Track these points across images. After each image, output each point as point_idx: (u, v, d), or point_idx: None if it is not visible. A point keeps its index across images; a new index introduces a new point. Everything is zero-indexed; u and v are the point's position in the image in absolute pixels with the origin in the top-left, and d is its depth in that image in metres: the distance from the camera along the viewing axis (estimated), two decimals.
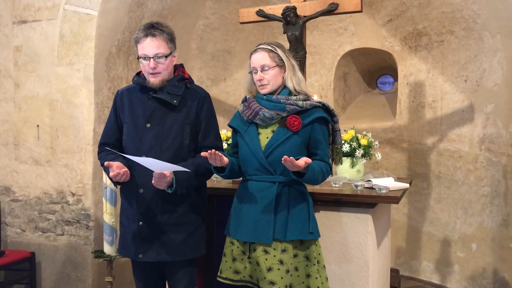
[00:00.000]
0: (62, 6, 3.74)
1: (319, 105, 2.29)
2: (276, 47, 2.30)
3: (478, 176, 4.02)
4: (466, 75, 4.11)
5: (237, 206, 2.36)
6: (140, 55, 2.31)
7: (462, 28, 4.07)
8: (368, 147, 3.17)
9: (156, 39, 2.27)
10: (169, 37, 2.33)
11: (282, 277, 2.20)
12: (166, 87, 2.33)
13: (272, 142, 2.25)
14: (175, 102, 2.32)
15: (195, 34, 4.66)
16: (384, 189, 2.71)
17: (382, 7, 4.48)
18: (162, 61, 2.29)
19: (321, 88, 4.85)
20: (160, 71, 2.30)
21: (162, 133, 2.32)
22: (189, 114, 2.35)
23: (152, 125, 2.32)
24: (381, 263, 3.05)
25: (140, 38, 2.30)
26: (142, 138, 2.33)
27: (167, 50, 2.31)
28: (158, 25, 2.32)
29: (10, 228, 3.98)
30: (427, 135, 4.41)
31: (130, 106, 2.39)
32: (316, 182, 2.25)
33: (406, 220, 4.53)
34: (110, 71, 3.88)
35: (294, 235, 2.23)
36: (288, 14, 3.43)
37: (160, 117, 2.33)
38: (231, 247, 2.36)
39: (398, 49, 4.54)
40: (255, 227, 2.24)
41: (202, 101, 2.40)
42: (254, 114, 2.27)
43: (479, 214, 4.01)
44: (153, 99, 2.34)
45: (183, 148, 2.35)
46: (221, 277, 2.38)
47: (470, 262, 4.07)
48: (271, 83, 2.28)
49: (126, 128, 2.39)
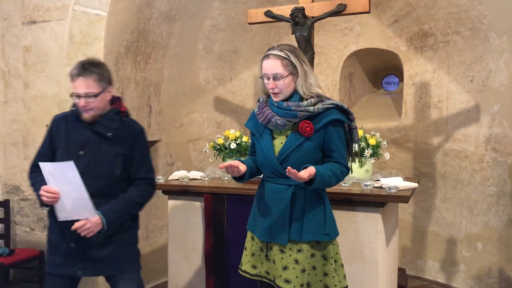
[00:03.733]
0: (71, 6, 3.77)
1: (332, 106, 2.25)
2: (289, 53, 2.24)
3: (484, 176, 4.04)
4: (472, 75, 4.13)
5: (256, 205, 2.41)
6: (72, 92, 2.41)
7: (468, 29, 4.09)
8: (377, 147, 3.20)
9: (86, 80, 2.36)
10: (98, 77, 2.40)
11: (297, 276, 2.24)
12: (102, 120, 2.44)
13: (286, 149, 2.26)
14: (109, 135, 2.42)
15: (202, 35, 4.68)
16: (393, 189, 2.73)
17: (388, 8, 4.50)
18: (91, 100, 2.38)
19: (326, 88, 4.86)
20: (91, 107, 2.39)
21: (94, 161, 2.41)
22: (122, 146, 2.45)
23: (85, 152, 2.42)
24: (390, 262, 3.08)
25: (73, 76, 2.40)
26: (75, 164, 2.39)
27: (97, 89, 2.38)
28: (89, 65, 2.40)
29: (19, 227, 4.01)
30: (432, 135, 4.43)
31: (65, 133, 2.48)
32: (329, 185, 2.26)
33: (412, 219, 4.55)
34: (118, 71, 3.90)
35: (309, 237, 2.25)
36: (296, 14, 3.45)
37: (93, 146, 2.43)
38: (251, 242, 2.42)
39: (404, 49, 4.56)
40: (271, 228, 2.28)
41: (136, 135, 2.52)
42: (267, 121, 2.27)
43: (485, 213, 4.03)
44: (88, 129, 2.44)
45: (115, 178, 2.45)
46: (241, 269, 2.45)
47: (476, 262, 4.09)
48: (283, 91, 2.26)
49: (59, 153, 2.48)
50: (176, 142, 4.64)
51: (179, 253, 3.29)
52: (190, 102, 4.75)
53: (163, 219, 4.43)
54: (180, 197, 3.26)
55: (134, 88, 4.11)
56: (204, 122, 4.91)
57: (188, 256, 3.27)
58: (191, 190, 3.17)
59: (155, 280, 4.32)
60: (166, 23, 4.22)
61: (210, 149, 3.60)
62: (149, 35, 4.12)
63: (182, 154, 4.72)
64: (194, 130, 4.80)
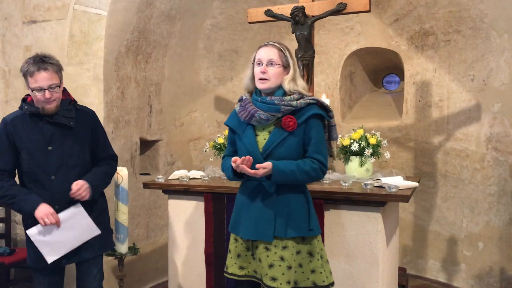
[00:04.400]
0: (71, 6, 3.77)
1: (313, 102, 2.32)
2: (286, 50, 2.35)
3: (485, 175, 4.04)
4: (473, 74, 4.12)
5: (239, 204, 2.42)
6: (34, 87, 2.47)
7: (469, 28, 4.08)
8: (377, 146, 3.19)
9: (47, 72, 2.47)
10: (57, 68, 2.55)
11: (284, 273, 2.26)
12: (60, 111, 2.55)
13: (269, 144, 2.29)
14: (72, 124, 2.57)
15: (202, 34, 4.68)
16: (393, 188, 2.73)
17: (388, 7, 4.49)
18: (57, 90, 2.51)
19: (327, 87, 4.86)
20: (55, 98, 2.51)
21: (66, 153, 2.56)
22: (85, 132, 2.63)
23: (54, 147, 2.54)
24: (390, 261, 3.08)
25: (33, 71, 2.47)
26: (46, 160, 2.53)
27: (58, 80, 2.53)
28: (46, 59, 2.52)
29: (20, 227, 4.00)
30: (433, 134, 4.42)
31: (26, 133, 2.54)
32: (295, 180, 2.27)
33: (413, 219, 4.55)
34: (119, 71, 3.90)
35: (294, 232, 2.28)
36: (296, 14, 3.45)
37: (60, 139, 2.55)
38: (235, 243, 2.43)
39: (405, 48, 4.55)
40: (256, 225, 2.30)
41: (93, 119, 2.70)
42: (250, 116, 2.31)
43: (486, 213, 4.03)
44: (50, 124, 2.54)
45: (87, 164, 2.64)
46: (227, 272, 2.45)
47: (477, 261, 4.09)
48: (272, 80, 2.31)
49: (26, 154, 2.54)
50: (176, 142, 4.64)
51: (179, 252, 3.29)
52: (190, 102, 4.75)
53: (163, 219, 4.43)
54: (180, 196, 3.25)
55: (134, 87, 4.11)
56: (205, 122, 4.91)
57: (188, 256, 3.26)
58: (191, 189, 3.16)
59: (156, 280, 4.32)
60: (166, 22, 4.22)
61: (211, 149, 3.60)
62: (150, 34, 4.12)
63: (183, 153, 4.72)
64: (194, 130, 4.80)
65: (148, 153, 4.46)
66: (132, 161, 4.09)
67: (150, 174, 4.36)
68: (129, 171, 3.34)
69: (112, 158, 2.79)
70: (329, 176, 3.19)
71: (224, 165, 2.45)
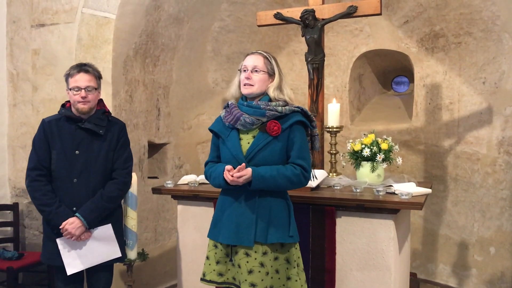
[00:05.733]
0: (80, 9, 3.75)
1: (298, 110, 2.37)
2: (272, 58, 2.42)
3: (497, 179, 3.99)
4: (485, 77, 4.07)
5: (220, 210, 2.42)
6: (72, 87, 2.68)
7: (481, 30, 4.03)
8: (389, 151, 3.15)
9: (86, 75, 2.70)
10: (96, 74, 2.76)
11: (263, 279, 2.27)
12: (92, 119, 2.72)
13: (253, 148, 2.31)
14: (101, 132, 2.72)
15: (211, 36, 4.65)
16: (406, 195, 2.69)
17: (398, 9, 4.45)
18: (92, 92, 2.70)
19: (336, 90, 4.82)
20: (89, 100, 2.69)
21: (91, 159, 2.70)
22: (111, 141, 2.76)
23: (81, 152, 2.69)
24: (402, 268, 3.04)
25: (73, 73, 2.70)
26: (72, 163, 2.68)
27: (96, 84, 2.73)
28: (87, 65, 2.76)
29: (28, 230, 4.00)
30: (444, 138, 4.37)
31: (59, 134, 2.71)
32: (277, 186, 2.28)
33: (423, 222, 4.50)
34: (127, 74, 3.88)
35: (275, 238, 2.30)
36: (306, 17, 3.41)
37: (87, 145, 2.70)
38: (214, 250, 2.43)
39: (415, 50, 4.51)
40: (237, 230, 2.31)
41: (121, 130, 2.84)
42: (235, 120, 2.33)
43: (497, 217, 3.98)
44: (81, 129, 2.71)
45: (107, 171, 2.76)
46: (205, 279, 2.44)
47: (488, 266, 4.04)
48: (256, 86, 2.35)
49: (56, 154, 2.70)
50: (184, 145, 4.62)
51: (189, 258, 3.27)
52: (198, 104, 4.72)
53: (171, 222, 4.41)
54: (189, 202, 3.23)
55: (142, 90, 4.09)
56: None
57: (197, 261, 3.24)
58: (201, 195, 3.14)
59: (164, 283, 4.31)
60: (174, 25, 4.20)
61: None
62: (158, 37, 4.10)
63: (191, 156, 4.70)
64: (202, 133, 4.77)
65: (156, 156, 4.44)
66: (140, 164, 4.07)
67: (158, 177, 4.34)
68: (137, 175, 3.32)
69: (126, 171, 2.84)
70: (340, 181, 3.16)
71: (213, 171, 2.40)
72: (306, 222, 2.82)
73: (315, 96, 3.44)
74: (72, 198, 2.68)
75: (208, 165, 2.50)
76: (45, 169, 2.70)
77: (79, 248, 2.69)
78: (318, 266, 2.83)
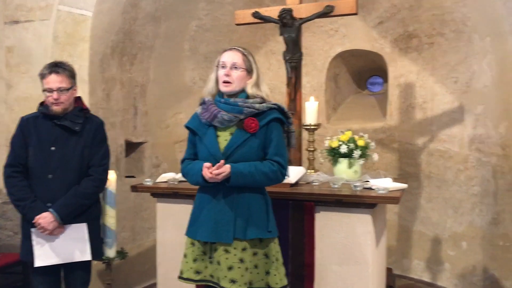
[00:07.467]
0: (55, 6, 3.71)
1: (274, 107, 2.39)
2: (250, 55, 2.42)
3: (468, 176, 4.11)
4: (456, 76, 4.19)
5: (198, 207, 2.42)
6: (45, 88, 2.70)
7: (452, 31, 4.15)
8: (365, 148, 3.22)
9: (58, 75, 2.69)
10: (69, 74, 2.75)
11: (243, 275, 2.29)
12: (69, 116, 2.73)
13: (231, 145, 2.32)
14: (77, 129, 2.73)
15: (188, 35, 4.65)
16: (383, 190, 2.75)
17: (373, 10, 4.54)
18: (65, 93, 2.70)
19: (312, 89, 4.88)
20: (62, 101, 2.70)
21: (67, 156, 2.71)
22: (88, 138, 2.77)
23: (57, 148, 2.71)
24: (379, 262, 3.11)
25: (45, 74, 2.70)
26: (47, 159, 2.70)
27: (68, 84, 2.72)
28: (60, 64, 2.75)
29: (2, 231, 3.92)
30: (417, 136, 4.48)
31: (36, 131, 2.73)
32: (254, 182, 2.31)
33: (397, 219, 4.60)
34: (104, 72, 3.86)
35: (253, 234, 2.31)
36: (284, 16, 3.45)
37: (64, 141, 2.72)
38: (191, 248, 2.43)
39: (389, 50, 4.60)
40: (216, 227, 2.31)
41: (98, 127, 2.84)
42: (213, 117, 2.33)
43: (469, 213, 4.10)
44: (57, 126, 2.72)
45: (84, 168, 2.76)
46: (182, 277, 2.45)
47: (460, 260, 4.16)
48: (235, 83, 2.36)
49: (32, 150, 2.73)
50: (162, 144, 4.60)
51: (168, 256, 3.26)
52: (176, 103, 4.71)
53: (149, 221, 4.39)
54: (169, 199, 3.22)
55: (119, 89, 4.06)
56: None
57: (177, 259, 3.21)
58: (181, 192, 3.13)
59: (143, 282, 4.28)
60: (151, 23, 4.19)
61: None
62: (135, 35, 4.08)
63: (169, 155, 4.68)
64: (180, 131, 4.74)
65: (133, 155, 4.42)
66: (118, 163, 4.04)
67: (135, 176, 4.32)
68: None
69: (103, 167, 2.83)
70: (318, 178, 3.20)
71: (190, 169, 2.41)
72: (285, 217, 2.85)
73: (293, 94, 3.48)
74: (47, 194, 2.69)
75: (184, 163, 2.50)
76: (21, 166, 2.73)
77: (52, 243, 2.69)
78: (297, 261, 2.87)
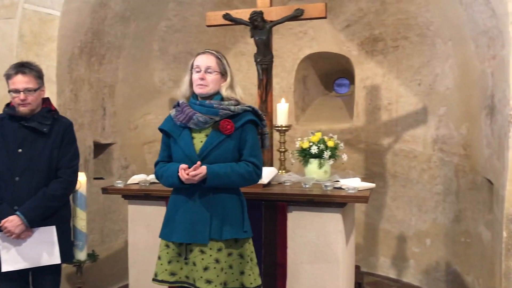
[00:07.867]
0: (21, 5, 3.62)
1: (249, 109, 2.44)
2: (223, 58, 2.45)
3: (432, 175, 4.25)
4: (420, 79, 4.33)
5: (173, 209, 2.44)
6: (11, 89, 2.64)
7: (416, 35, 4.28)
8: (335, 148, 3.29)
9: (25, 76, 2.63)
10: (36, 74, 2.69)
11: (218, 275, 2.31)
12: (36, 117, 2.67)
13: (207, 146, 2.35)
14: (45, 130, 2.67)
15: (157, 36, 4.63)
16: (353, 189, 2.83)
17: (340, 13, 4.64)
18: (32, 94, 2.64)
19: (282, 91, 4.94)
20: (29, 102, 2.64)
21: (34, 157, 2.65)
22: (56, 139, 2.71)
23: (24, 150, 2.65)
24: (349, 260, 3.19)
25: (11, 74, 2.64)
26: (14, 161, 2.64)
27: (35, 85, 2.66)
28: (27, 64, 2.69)
29: None
30: (383, 136, 4.60)
31: (2, 133, 2.68)
32: (230, 183, 2.34)
33: (364, 218, 4.71)
34: (72, 73, 3.80)
35: (229, 234, 2.34)
36: (255, 18, 3.50)
37: (31, 143, 2.66)
38: (166, 250, 2.43)
39: (355, 53, 4.71)
40: (192, 228, 2.33)
41: (66, 128, 2.78)
42: (188, 119, 2.36)
43: (432, 211, 4.24)
44: (24, 127, 2.66)
45: (52, 170, 2.70)
46: (157, 280, 2.45)
47: (424, 257, 4.30)
48: (210, 86, 2.38)
49: None
50: (131, 145, 4.56)
51: (140, 258, 3.24)
52: (145, 104, 4.68)
53: (118, 224, 4.35)
54: (140, 201, 3.21)
55: (88, 89, 4.00)
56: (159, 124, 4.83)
57: (149, 261, 3.21)
58: (153, 194, 3.13)
59: (113, 285, 4.23)
60: (120, 23, 4.14)
61: None
62: (104, 35, 4.03)
63: (137, 156, 4.64)
64: (149, 132, 4.73)
65: (101, 156, 4.36)
66: (86, 165, 3.98)
67: (104, 178, 4.26)
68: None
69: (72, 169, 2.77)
70: (290, 178, 3.26)
71: (165, 171, 2.41)
72: (258, 217, 2.89)
73: (264, 96, 3.53)
74: (13, 197, 2.63)
75: (159, 165, 2.50)
76: None
77: (19, 246, 2.63)
78: (270, 260, 2.91)
